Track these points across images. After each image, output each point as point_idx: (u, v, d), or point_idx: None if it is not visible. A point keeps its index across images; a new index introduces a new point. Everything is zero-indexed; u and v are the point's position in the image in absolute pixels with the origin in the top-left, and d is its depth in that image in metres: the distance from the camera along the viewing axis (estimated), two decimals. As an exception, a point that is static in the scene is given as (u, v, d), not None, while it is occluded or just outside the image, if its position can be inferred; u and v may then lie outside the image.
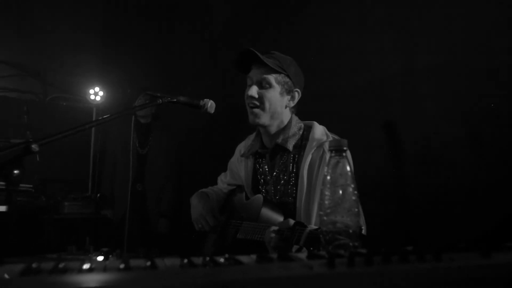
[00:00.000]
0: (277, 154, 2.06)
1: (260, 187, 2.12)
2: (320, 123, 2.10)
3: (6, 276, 0.58)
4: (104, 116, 1.44)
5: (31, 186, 3.75)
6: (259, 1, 3.93)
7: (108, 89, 4.64)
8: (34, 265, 0.64)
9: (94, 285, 0.52)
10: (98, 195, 3.91)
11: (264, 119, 2.00)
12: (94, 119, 4.53)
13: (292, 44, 3.44)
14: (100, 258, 0.76)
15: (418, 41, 2.62)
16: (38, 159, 3.89)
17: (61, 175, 4.20)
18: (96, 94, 4.59)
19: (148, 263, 0.68)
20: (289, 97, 2.03)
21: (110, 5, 5.13)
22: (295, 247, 1.57)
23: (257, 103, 1.98)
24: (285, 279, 0.56)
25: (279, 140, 2.02)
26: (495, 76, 2.23)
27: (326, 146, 1.91)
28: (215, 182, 2.49)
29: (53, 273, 0.62)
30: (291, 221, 1.66)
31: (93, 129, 4.41)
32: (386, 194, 2.74)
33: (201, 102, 1.84)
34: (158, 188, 3.97)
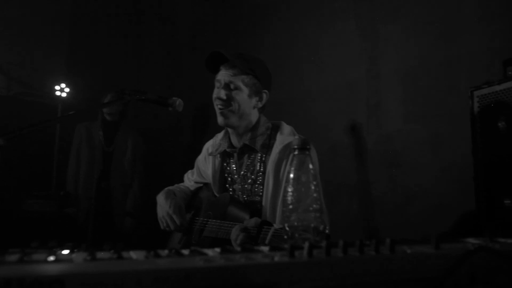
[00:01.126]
0: (245, 154, 2.08)
1: (227, 185, 2.14)
2: (286, 124, 2.14)
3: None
4: (72, 112, 1.43)
5: (-10, 182, 3.63)
6: (228, 3, 3.95)
7: (74, 85, 4.53)
8: (-2, 257, 0.64)
9: (60, 273, 0.53)
10: (62, 192, 3.81)
11: (233, 120, 2.02)
12: (59, 115, 4.42)
13: (261, 46, 3.48)
14: (66, 252, 0.76)
15: (383, 47, 2.71)
16: (-2, 154, 3.77)
17: (23, 171, 4.08)
18: (62, 90, 4.47)
19: (115, 255, 0.69)
20: (257, 98, 2.05)
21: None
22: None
23: (226, 105, 2.00)
24: (247, 267, 0.59)
25: (247, 140, 2.05)
26: (455, 79, 2.33)
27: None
28: (181, 180, 2.50)
29: (19, 263, 0.63)
30: (258, 220, 1.69)
31: (57, 125, 4.30)
32: (350, 194, 2.82)
33: (170, 100, 1.85)
34: (123, 187, 3.93)
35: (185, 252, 0.74)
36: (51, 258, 0.70)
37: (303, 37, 3.21)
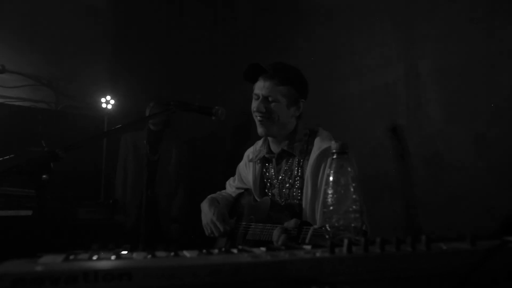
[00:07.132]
0: (283, 159, 2.15)
1: (266, 190, 2.22)
2: (327, 128, 2.18)
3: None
4: (124, 125, 1.53)
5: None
6: (268, 10, 4.02)
7: (119, 97, 4.73)
8: (71, 256, 0.73)
9: (128, 267, 0.61)
10: (111, 201, 4.00)
11: (273, 130, 2.09)
12: (105, 127, 4.62)
13: (299, 51, 3.53)
14: (125, 252, 0.85)
15: (422, 46, 2.69)
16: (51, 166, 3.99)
17: (75, 182, 4.29)
18: (107, 102, 4.68)
19: (172, 253, 0.77)
20: (295, 107, 2.11)
21: (120, 13, 5.24)
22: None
23: (265, 117, 2.06)
24: (290, 262, 0.65)
25: (285, 146, 2.12)
26: (499, 76, 2.28)
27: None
28: (223, 187, 2.58)
29: (90, 260, 0.71)
30: (298, 221, 1.75)
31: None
32: (394, 196, 2.81)
33: (213, 110, 1.94)
34: (169, 194, 4.06)
35: (234, 250, 0.81)
36: (114, 256, 0.78)
37: (340, 40, 3.23)
